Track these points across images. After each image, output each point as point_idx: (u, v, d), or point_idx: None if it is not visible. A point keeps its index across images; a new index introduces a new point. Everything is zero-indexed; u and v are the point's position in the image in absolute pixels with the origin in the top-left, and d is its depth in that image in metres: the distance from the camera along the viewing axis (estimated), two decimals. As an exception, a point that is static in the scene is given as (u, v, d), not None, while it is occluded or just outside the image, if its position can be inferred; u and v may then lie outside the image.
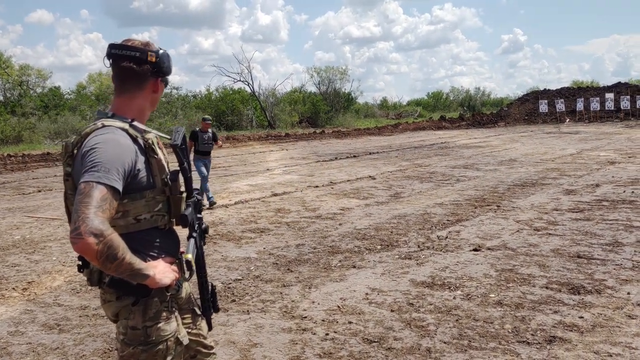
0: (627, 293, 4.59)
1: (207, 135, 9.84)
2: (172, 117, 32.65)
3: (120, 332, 2.00)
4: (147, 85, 2.05)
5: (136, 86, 2.03)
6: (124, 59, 1.99)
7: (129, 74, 2.01)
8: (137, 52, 1.99)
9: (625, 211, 7.85)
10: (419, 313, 4.34)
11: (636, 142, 19.43)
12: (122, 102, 2.04)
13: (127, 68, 1.99)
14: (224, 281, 5.38)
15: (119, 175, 1.82)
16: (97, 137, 1.89)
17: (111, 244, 1.71)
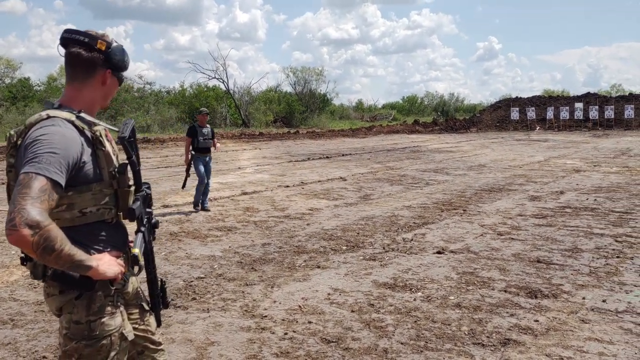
0: (582, 298, 4.70)
1: (206, 130, 9.01)
2: (144, 112, 32.26)
3: (64, 326, 1.97)
4: (96, 74, 2.01)
5: (84, 74, 1.99)
6: (73, 43, 1.97)
7: (77, 60, 1.98)
8: (86, 38, 1.97)
9: (586, 218, 8.04)
10: (379, 314, 4.37)
11: (602, 151, 19.91)
12: (71, 92, 2.01)
13: (75, 53, 1.97)
14: (185, 279, 5.33)
15: (61, 168, 1.78)
16: (41, 128, 1.85)
17: (48, 235, 1.66)
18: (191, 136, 8.91)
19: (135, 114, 31.19)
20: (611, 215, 8.19)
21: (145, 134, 27.69)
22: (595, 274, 5.37)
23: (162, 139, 25.64)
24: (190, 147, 8.93)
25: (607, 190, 10.65)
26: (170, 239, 7.00)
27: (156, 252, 6.28)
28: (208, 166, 9.07)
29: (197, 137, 8.88)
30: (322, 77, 45.58)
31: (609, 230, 7.25)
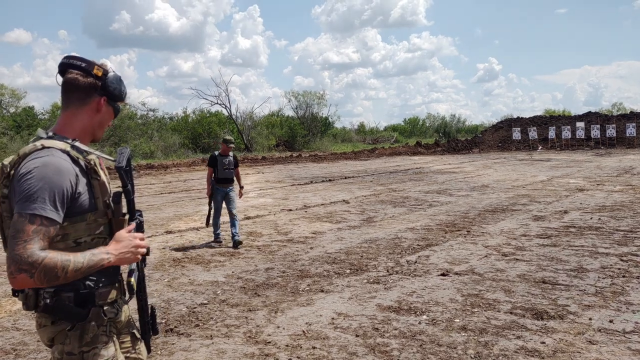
0: (589, 319, 4.65)
1: (227, 160, 8.34)
2: (147, 138, 32.45)
3: (56, 357, 1.94)
4: (91, 101, 1.99)
5: (79, 100, 1.97)
6: (71, 68, 1.97)
7: (73, 85, 1.96)
8: (83, 63, 1.97)
9: (591, 237, 7.99)
10: (384, 338, 4.33)
11: (605, 170, 19.89)
12: (65, 119, 1.99)
13: (71, 79, 1.96)
14: (189, 305, 5.30)
15: (56, 204, 1.78)
16: (35, 159, 1.82)
17: (45, 269, 1.70)
18: (212, 166, 8.37)
19: (138, 141, 31.39)
20: (616, 234, 8.15)
21: (148, 160, 27.83)
22: (601, 294, 5.32)
23: (165, 165, 25.75)
24: (212, 178, 8.39)
25: (611, 209, 10.61)
26: (174, 265, 6.98)
27: (159, 279, 6.28)
28: (230, 197, 8.35)
29: (218, 167, 8.30)
30: (324, 100, 45.97)
31: (614, 249, 7.20)
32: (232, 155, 8.46)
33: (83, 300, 1.91)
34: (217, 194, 8.32)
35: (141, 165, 25.25)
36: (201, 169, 25.03)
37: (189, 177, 21.40)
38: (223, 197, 8.33)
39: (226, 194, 8.33)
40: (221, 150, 8.46)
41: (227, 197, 8.34)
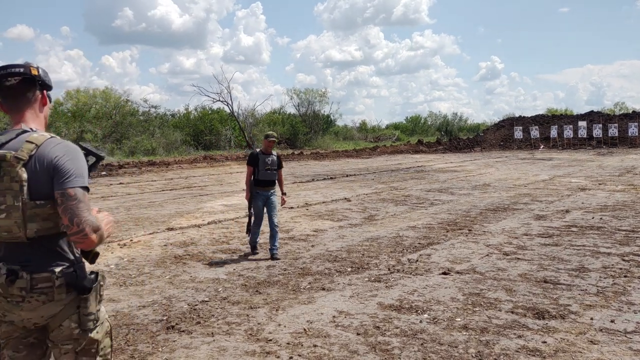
0: (590, 318, 4.64)
1: (270, 159, 7.34)
2: (149, 135, 32.46)
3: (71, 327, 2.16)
4: (40, 96, 2.29)
5: (32, 98, 2.25)
6: (9, 76, 2.18)
7: (21, 89, 2.21)
8: (21, 68, 2.20)
9: (592, 237, 7.99)
10: (385, 336, 4.33)
11: (607, 170, 19.86)
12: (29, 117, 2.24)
13: (16, 83, 2.19)
14: (190, 303, 5.30)
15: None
16: (59, 145, 2.14)
17: (102, 232, 2.13)
18: (252, 165, 7.35)
19: (140, 137, 31.41)
20: (618, 234, 8.14)
21: (150, 157, 27.84)
22: (603, 293, 5.32)
23: (167, 162, 25.77)
24: (251, 179, 7.39)
25: (613, 209, 10.60)
26: (175, 262, 6.99)
27: (160, 276, 6.29)
28: (271, 202, 7.36)
29: (259, 167, 7.29)
30: (326, 98, 45.95)
31: (615, 249, 7.19)
32: (275, 154, 7.49)
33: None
34: (257, 198, 7.33)
35: (143, 162, 25.27)
36: (202, 166, 25.04)
37: (191, 174, 21.40)
38: (264, 202, 7.33)
39: (267, 199, 7.34)
40: (263, 147, 7.50)
41: (269, 203, 7.34)
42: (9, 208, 2.05)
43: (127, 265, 6.86)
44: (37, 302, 2.09)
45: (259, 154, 7.35)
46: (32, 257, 2.12)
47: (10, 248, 2.13)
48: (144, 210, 11.86)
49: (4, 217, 2.06)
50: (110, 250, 7.77)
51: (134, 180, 18.96)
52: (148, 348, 4.19)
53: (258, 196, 7.32)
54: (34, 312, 2.11)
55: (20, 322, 2.15)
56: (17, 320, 2.14)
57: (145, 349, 4.18)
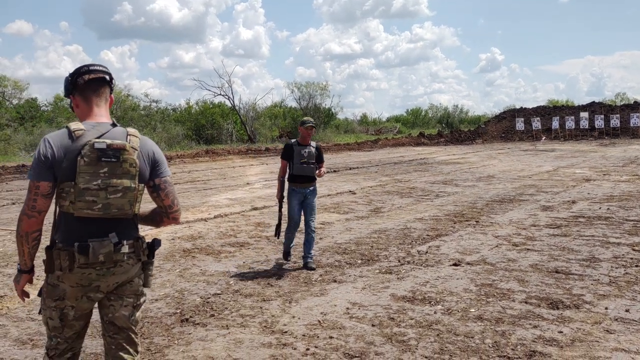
0: (604, 308, 4.64)
1: (306, 151, 6.26)
2: (151, 130, 32.41)
3: (135, 289, 2.58)
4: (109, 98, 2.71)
5: (109, 99, 2.68)
6: (97, 72, 2.58)
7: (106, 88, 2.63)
8: (105, 68, 2.61)
9: (601, 227, 7.98)
10: (400, 328, 4.32)
11: (610, 160, 19.84)
12: (107, 113, 2.60)
13: (101, 83, 2.59)
14: (202, 295, 5.30)
15: None
16: (151, 141, 2.63)
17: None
18: (287, 158, 6.33)
19: (142, 132, 31.33)
20: (626, 224, 8.13)
21: (152, 152, 27.81)
22: (615, 283, 5.31)
23: (169, 157, 25.71)
24: (285, 175, 6.41)
25: (619, 199, 10.58)
26: (184, 256, 6.98)
27: (170, 269, 6.29)
28: (310, 203, 6.34)
29: (293, 159, 6.26)
30: (327, 91, 45.73)
31: (624, 239, 7.19)
32: (314, 145, 6.42)
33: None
34: (292, 197, 6.30)
35: (145, 156, 25.23)
36: (205, 160, 25.01)
37: (194, 168, 21.38)
38: (301, 201, 6.32)
39: (305, 198, 6.31)
40: (300, 137, 6.42)
41: (306, 204, 6.33)
42: (125, 189, 2.42)
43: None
44: (128, 265, 2.50)
45: (294, 145, 6.34)
46: (124, 228, 2.51)
47: (110, 222, 2.46)
48: (149, 204, 11.75)
49: (120, 197, 2.41)
50: (118, 244, 7.76)
51: (137, 175, 18.93)
52: (164, 341, 4.18)
53: (293, 194, 6.29)
54: (124, 274, 2.50)
55: (106, 288, 2.49)
56: (103, 286, 2.48)
57: (162, 341, 4.17)
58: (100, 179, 2.36)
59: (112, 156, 2.37)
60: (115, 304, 2.53)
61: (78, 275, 2.40)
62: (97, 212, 2.38)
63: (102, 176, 2.36)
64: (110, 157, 2.37)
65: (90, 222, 2.41)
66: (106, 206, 2.38)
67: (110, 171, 2.37)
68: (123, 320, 2.54)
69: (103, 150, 2.35)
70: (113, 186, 2.38)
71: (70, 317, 2.47)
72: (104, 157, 2.36)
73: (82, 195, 2.35)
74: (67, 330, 2.49)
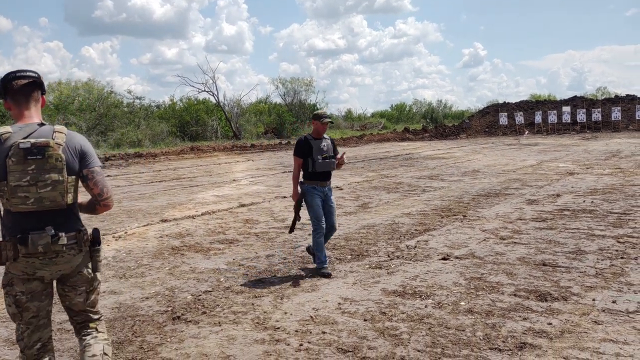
0: (592, 300, 4.72)
1: (325, 144, 5.87)
2: (134, 127, 32.11)
3: (86, 274, 2.84)
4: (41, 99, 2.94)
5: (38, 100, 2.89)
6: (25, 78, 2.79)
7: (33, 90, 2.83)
8: (35, 73, 2.82)
9: (586, 220, 8.10)
10: (392, 322, 4.36)
11: (593, 154, 20.11)
12: (36, 114, 2.79)
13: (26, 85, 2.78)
14: (193, 293, 5.29)
15: None
16: (79, 135, 2.85)
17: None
18: (303, 156, 5.80)
19: (125, 129, 31.06)
20: (610, 217, 8.26)
21: (136, 149, 27.56)
22: (602, 275, 5.40)
23: (154, 154, 25.52)
24: (300, 173, 5.93)
25: (602, 192, 10.74)
26: (173, 254, 6.95)
27: (160, 267, 6.26)
28: (331, 204, 5.94)
29: (313, 155, 5.78)
30: (311, 87, 45.76)
31: (609, 231, 7.30)
32: (329, 138, 6.01)
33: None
34: (313, 197, 5.78)
35: (129, 154, 24.99)
36: (190, 157, 24.86)
37: (179, 165, 21.25)
38: (323, 200, 5.87)
39: (325, 196, 5.89)
40: (313, 130, 5.96)
41: (327, 201, 5.90)
42: (54, 182, 2.62)
43: (124, 258, 6.81)
44: (70, 255, 2.72)
45: (309, 140, 5.83)
46: (65, 220, 2.73)
47: (47, 215, 2.67)
48: (135, 202, 11.76)
49: (50, 190, 2.62)
50: (105, 242, 7.70)
51: (122, 173, 18.77)
52: (156, 339, 4.17)
53: (314, 193, 5.78)
54: (66, 264, 2.73)
55: (50, 276, 2.73)
56: (46, 275, 2.71)
57: (154, 339, 4.16)
58: (29, 175, 2.58)
59: (37, 153, 2.59)
60: (70, 294, 2.83)
61: (23, 263, 2.67)
62: (31, 206, 2.61)
63: (31, 172, 2.58)
64: (36, 155, 2.59)
65: (29, 215, 2.66)
66: (39, 200, 2.61)
67: (37, 167, 2.59)
68: (79, 305, 2.87)
69: (28, 149, 2.57)
70: (42, 181, 2.60)
71: (23, 301, 2.71)
72: (29, 155, 2.57)
73: (14, 192, 2.58)
74: (25, 313, 2.72)
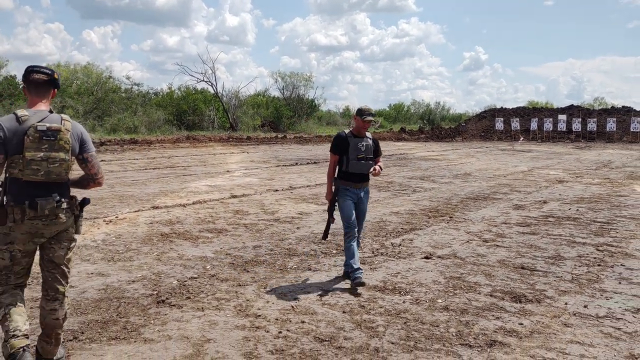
0: (564, 303, 4.88)
1: (363, 144, 5.35)
2: (131, 113, 32.12)
3: (70, 234, 3.41)
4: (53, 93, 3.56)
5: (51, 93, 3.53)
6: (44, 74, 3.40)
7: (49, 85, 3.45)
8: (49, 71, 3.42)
9: (569, 227, 8.26)
10: (370, 315, 4.50)
11: (584, 163, 20.32)
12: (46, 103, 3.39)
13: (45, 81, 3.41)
14: (179, 279, 5.41)
15: None
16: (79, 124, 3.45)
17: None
18: (339, 152, 5.37)
19: (122, 115, 31.07)
20: (593, 225, 8.43)
21: (132, 135, 27.59)
22: (577, 280, 5.56)
23: (149, 141, 25.58)
24: (335, 171, 5.52)
25: (589, 201, 10.92)
26: (162, 240, 7.07)
27: (148, 252, 6.38)
28: (363, 207, 5.56)
29: (349, 154, 5.32)
30: (311, 82, 45.73)
31: (590, 239, 7.47)
32: (371, 138, 5.51)
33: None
34: (345, 197, 5.40)
35: (125, 139, 25.03)
36: (185, 146, 24.93)
37: (173, 153, 21.34)
38: (354, 202, 5.46)
39: (359, 199, 5.47)
40: (354, 127, 5.48)
41: (360, 205, 5.51)
42: (61, 160, 3.22)
43: (114, 241, 6.92)
44: (65, 217, 3.33)
45: (348, 137, 5.39)
46: (64, 190, 3.35)
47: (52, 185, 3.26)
48: (127, 188, 11.86)
49: (57, 166, 3.21)
50: (96, 226, 7.82)
51: (116, 158, 18.85)
52: (140, 320, 4.30)
53: (346, 194, 5.40)
54: (62, 224, 3.32)
55: (49, 234, 3.30)
56: (47, 233, 3.28)
57: (138, 321, 4.29)
58: (43, 153, 3.17)
59: (51, 136, 3.18)
60: (55, 246, 3.34)
61: (28, 225, 3.21)
62: (41, 177, 3.19)
63: (44, 150, 3.17)
64: (50, 137, 3.17)
65: (37, 185, 3.22)
66: (47, 173, 3.19)
67: (49, 147, 3.18)
68: (60, 258, 3.36)
69: (44, 131, 3.16)
70: (52, 158, 3.19)
71: (18, 257, 3.27)
72: (44, 136, 3.16)
73: (29, 164, 3.15)
74: (16, 267, 3.30)
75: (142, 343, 3.89)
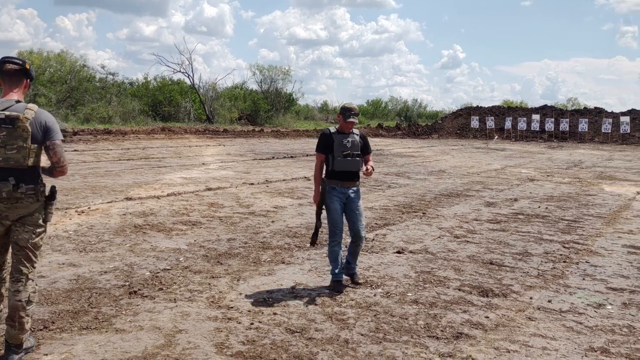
0: (529, 298, 5.02)
1: (349, 141, 5.11)
2: (105, 103, 31.66)
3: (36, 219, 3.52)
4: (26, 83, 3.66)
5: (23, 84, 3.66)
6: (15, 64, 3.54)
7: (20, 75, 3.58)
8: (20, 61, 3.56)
9: (537, 225, 8.47)
10: (341, 307, 4.58)
11: (556, 162, 20.74)
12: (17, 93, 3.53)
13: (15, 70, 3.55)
14: (152, 270, 5.42)
15: None
16: (45, 113, 3.58)
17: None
18: (325, 151, 5.13)
19: (96, 104, 30.60)
20: (560, 223, 8.65)
21: (106, 125, 27.22)
22: (542, 276, 5.73)
23: (123, 131, 25.27)
24: (322, 170, 5.26)
25: (558, 200, 11.19)
26: (135, 231, 7.04)
27: (120, 244, 6.36)
28: (355, 206, 5.17)
29: (334, 151, 5.08)
30: (289, 76, 45.65)
31: (557, 236, 7.67)
32: (358, 134, 5.29)
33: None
34: (331, 197, 5.09)
35: (98, 129, 24.69)
36: (160, 138, 24.71)
37: (148, 145, 21.15)
38: (342, 202, 5.14)
39: (348, 199, 5.14)
40: (340, 125, 5.20)
41: (350, 207, 5.15)
42: (19, 147, 3.36)
43: (86, 232, 6.87)
44: (28, 202, 3.45)
45: (332, 134, 5.15)
46: (25, 176, 3.45)
47: (11, 171, 3.39)
48: (100, 179, 11.74)
49: (15, 152, 3.35)
50: (68, 216, 7.74)
51: (90, 148, 18.61)
52: (112, 311, 4.30)
53: (333, 193, 5.09)
54: (25, 208, 3.47)
55: (13, 217, 3.46)
56: (10, 216, 3.44)
57: (109, 311, 4.29)
58: (1, 140, 3.34)
59: (9, 123, 3.33)
60: (19, 229, 3.49)
61: None
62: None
63: (2, 137, 3.34)
64: (8, 124, 3.33)
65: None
66: (5, 159, 3.36)
67: (7, 134, 3.34)
68: (24, 241, 3.49)
69: (2, 119, 3.33)
70: (10, 144, 3.35)
71: None
72: (2, 124, 3.33)
73: None
74: None
75: (114, 333, 3.90)
